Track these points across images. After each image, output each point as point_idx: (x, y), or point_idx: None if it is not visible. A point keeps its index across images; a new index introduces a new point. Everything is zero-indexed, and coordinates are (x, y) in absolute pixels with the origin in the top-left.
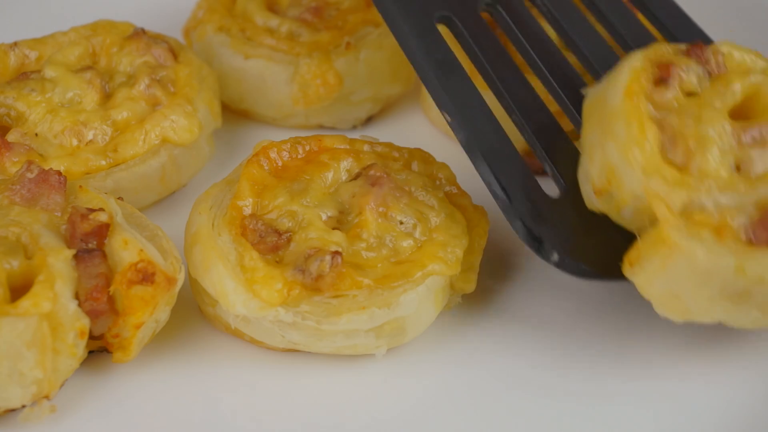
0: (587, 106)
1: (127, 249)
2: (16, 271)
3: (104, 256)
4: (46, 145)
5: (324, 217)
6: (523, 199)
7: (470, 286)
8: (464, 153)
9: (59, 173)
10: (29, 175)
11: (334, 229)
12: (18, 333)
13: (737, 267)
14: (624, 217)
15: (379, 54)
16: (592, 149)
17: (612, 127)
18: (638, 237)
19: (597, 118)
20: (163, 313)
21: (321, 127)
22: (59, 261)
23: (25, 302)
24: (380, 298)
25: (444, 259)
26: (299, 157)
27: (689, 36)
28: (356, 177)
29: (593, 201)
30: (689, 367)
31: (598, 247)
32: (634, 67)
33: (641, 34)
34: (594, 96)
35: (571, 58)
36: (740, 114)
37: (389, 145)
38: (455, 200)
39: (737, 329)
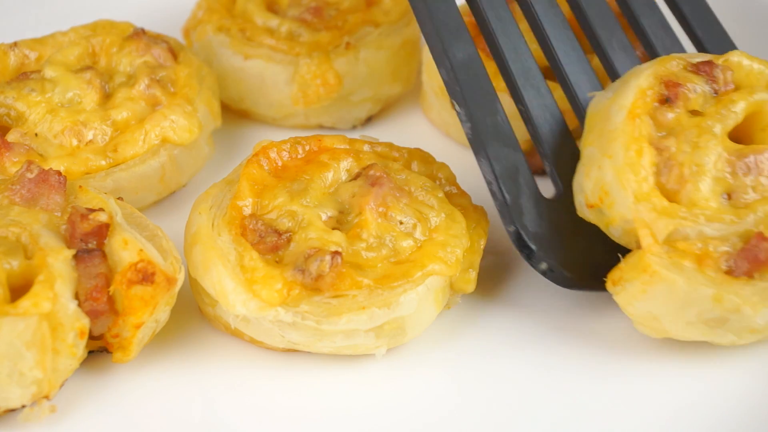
0: (591, 113)
1: (127, 249)
2: (15, 271)
3: (104, 256)
4: (46, 145)
5: (324, 217)
6: (520, 203)
7: (470, 286)
8: (464, 153)
9: (59, 173)
10: (29, 175)
11: (333, 229)
12: (18, 333)
13: (715, 296)
14: (612, 234)
15: (379, 54)
16: (590, 164)
17: (611, 146)
18: (621, 256)
19: (598, 132)
20: (163, 313)
21: (321, 127)
22: (59, 261)
23: (24, 302)
24: (380, 298)
25: (444, 259)
26: (299, 157)
27: (712, 35)
28: (356, 177)
29: (585, 212)
30: (692, 364)
31: (587, 259)
32: (640, 86)
33: (663, 30)
34: (599, 105)
35: (584, 42)
36: (741, 132)
37: (389, 145)
38: (455, 200)
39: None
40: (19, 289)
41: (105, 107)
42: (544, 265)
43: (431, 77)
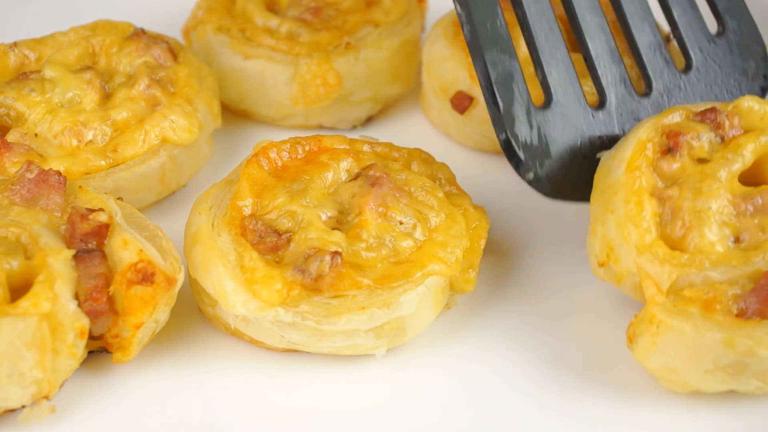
0: (599, 172)
1: (126, 249)
2: (15, 272)
3: (104, 256)
4: (46, 146)
5: (324, 217)
6: (513, 111)
7: (470, 286)
8: (464, 153)
9: (59, 173)
10: (29, 176)
11: (333, 229)
12: (18, 333)
13: (725, 341)
14: (625, 291)
15: (378, 54)
16: (595, 222)
17: (612, 201)
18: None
19: (602, 188)
20: (162, 314)
21: (321, 127)
22: (59, 261)
23: (24, 302)
24: (380, 299)
25: (444, 259)
26: (299, 157)
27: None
28: (356, 177)
29: (599, 272)
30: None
31: (575, 170)
32: (639, 139)
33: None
34: (604, 162)
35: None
36: (751, 175)
37: (389, 145)
38: (455, 200)
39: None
40: (19, 290)
41: (105, 107)
42: (531, 175)
43: (431, 77)
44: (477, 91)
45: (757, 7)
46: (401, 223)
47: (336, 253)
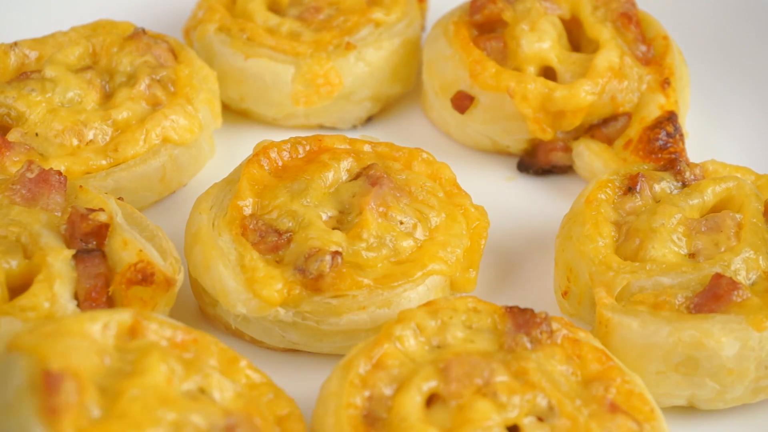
0: (563, 222)
1: (126, 249)
2: (15, 271)
3: (104, 256)
4: (47, 145)
5: (324, 217)
6: None
7: (470, 286)
8: (464, 153)
9: (59, 173)
10: (29, 175)
11: (334, 229)
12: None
13: (671, 332)
14: (585, 316)
15: (379, 54)
16: (558, 255)
17: (572, 230)
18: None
19: (563, 224)
20: (162, 314)
21: (321, 127)
22: (58, 261)
23: (23, 302)
24: (380, 298)
25: (444, 259)
26: (299, 157)
27: None
28: (356, 177)
29: (564, 306)
30: None
31: None
32: (600, 180)
33: None
34: (571, 207)
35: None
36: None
37: (389, 144)
38: (455, 200)
39: (712, 409)
40: (18, 289)
41: (105, 107)
42: None
43: (431, 77)
44: (477, 91)
45: (756, 7)
46: (401, 222)
47: (336, 252)
